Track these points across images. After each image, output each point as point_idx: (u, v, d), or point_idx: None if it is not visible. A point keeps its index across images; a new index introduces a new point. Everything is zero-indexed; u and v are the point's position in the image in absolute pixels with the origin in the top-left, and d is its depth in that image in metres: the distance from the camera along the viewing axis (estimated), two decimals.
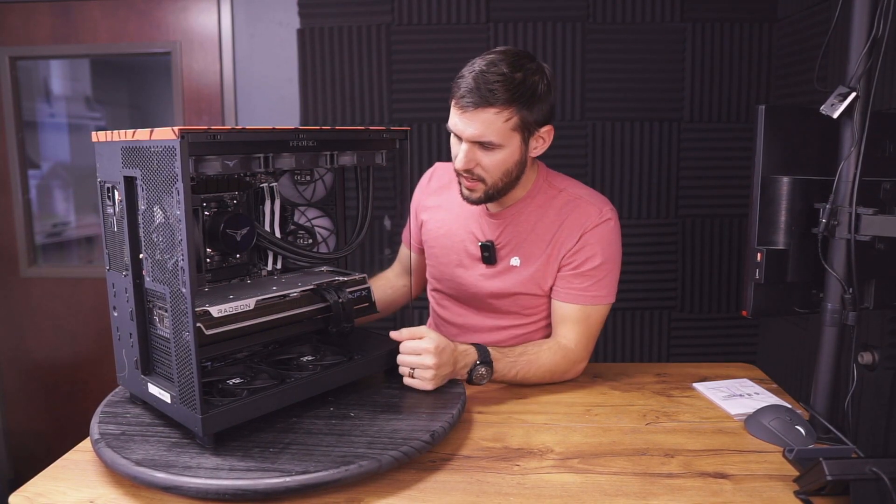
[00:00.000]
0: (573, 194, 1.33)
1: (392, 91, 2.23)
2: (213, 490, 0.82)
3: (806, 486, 0.87)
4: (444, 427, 1.00)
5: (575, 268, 1.29)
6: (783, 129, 1.06)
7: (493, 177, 1.23)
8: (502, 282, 1.35)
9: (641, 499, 0.88)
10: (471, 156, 1.20)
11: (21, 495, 0.87)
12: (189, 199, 0.83)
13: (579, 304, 1.29)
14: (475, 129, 1.17)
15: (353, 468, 0.87)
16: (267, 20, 2.29)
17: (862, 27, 0.99)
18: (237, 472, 0.85)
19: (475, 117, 1.16)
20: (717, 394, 1.22)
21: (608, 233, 1.30)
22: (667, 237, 2.25)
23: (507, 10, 2.17)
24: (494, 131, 1.17)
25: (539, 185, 1.34)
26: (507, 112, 1.16)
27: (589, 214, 1.29)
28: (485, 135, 1.17)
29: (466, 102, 1.16)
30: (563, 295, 1.31)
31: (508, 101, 1.15)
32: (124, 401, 1.08)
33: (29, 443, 2.56)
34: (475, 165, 1.22)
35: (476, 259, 1.37)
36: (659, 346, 2.30)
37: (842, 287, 1.02)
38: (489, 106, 1.15)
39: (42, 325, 2.47)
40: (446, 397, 1.11)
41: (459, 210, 1.39)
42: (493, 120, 1.16)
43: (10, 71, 2.37)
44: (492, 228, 1.35)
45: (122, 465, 0.87)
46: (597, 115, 2.20)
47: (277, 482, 0.83)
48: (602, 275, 1.29)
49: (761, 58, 2.16)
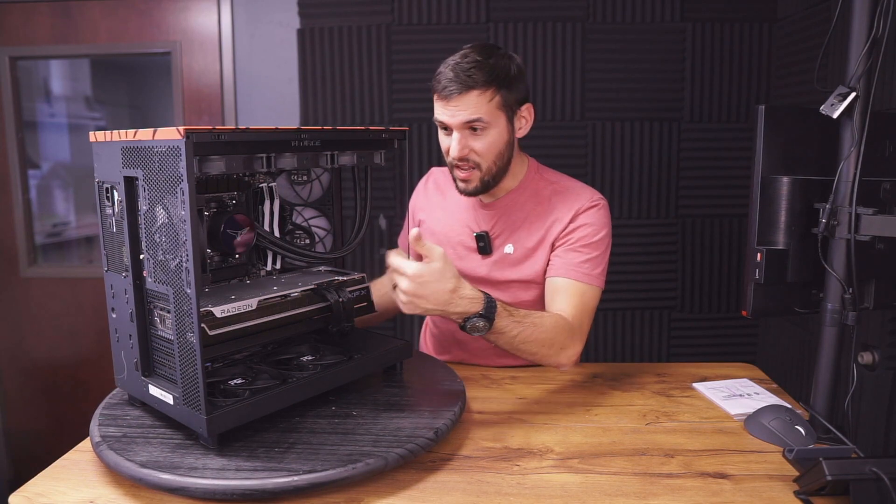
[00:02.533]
0: (564, 186, 1.38)
1: (392, 91, 2.23)
2: (221, 490, 0.82)
3: (806, 486, 0.87)
4: (446, 424, 1.00)
5: (569, 244, 1.32)
6: (783, 129, 1.06)
7: (487, 160, 1.27)
8: (499, 271, 1.37)
9: (641, 499, 0.88)
10: (463, 142, 1.25)
11: (21, 495, 0.87)
12: (194, 199, 0.82)
13: (573, 279, 1.29)
14: (463, 112, 1.22)
15: (361, 466, 0.87)
16: (267, 20, 2.29)
17: (862, 27, 0.99)
18: (244, 472, 0.85)
19: (461, 102, 1.22)
20: (717, 394, 1.23)
21: (601, 215, 1.34)
22: (667, 237, 2.25)
23: (507, 10, 2.17)
24: (482, 111, 1.23)
25: (530, 177, 1.39)
26: (488, 93, 1.22)
27: (581, 197, 1.34)
28: (473, 114, 1.22)
29: (449, 91, 1.22)
30: (556, 270, 1.31)
31: (487, 83, 1.22)
32: (123, 402, 1.08)
33: (29, 443, 2.56)
34: (469, 152, 1.26)
35: (472, 250, 1.40)
36: (659, 346, 2.30)
37: (842, 287, 1.02)
38: (471, 89, 1.21)
39: (42, 325, 2.47)
40: (446, 395, 1.12)
41: (455, 208, 1.44)
42: (478, 101, 1.22)
43: (10, 71, 2.37)
44: (486, 220, 1.39)
45: (127, 468, 0.87)
46: (597, 115, 2.20)
47: (286, 481, 0.83)
48: (595, 252, 1.31)
49: (761, 58, 2.16)
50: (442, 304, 1.04)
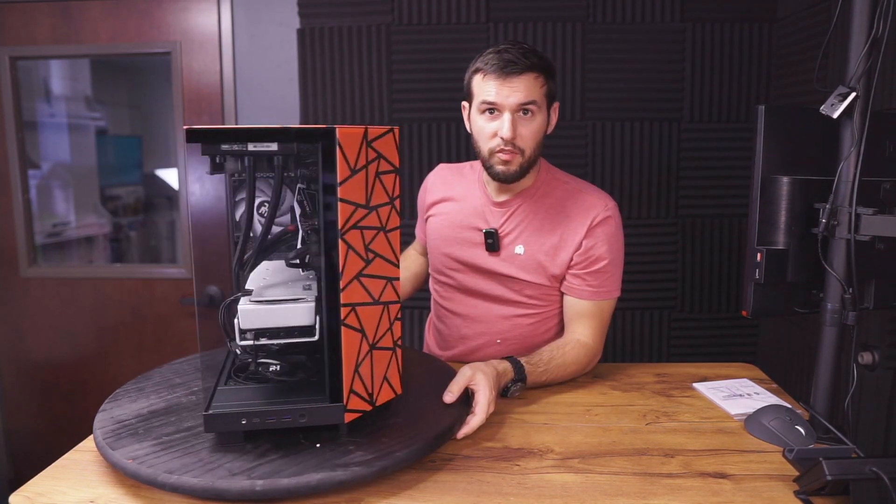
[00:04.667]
0: (576, 188, 1.39)
1: (392, 91, 2.23)
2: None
3: (806, 486, 0.87)
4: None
5: (586, 267, 1.34)
6: (783, 129, 1.06)
7: (530, 146, 1.30)
8: (507, 269, 1.38)
9: (641, 499, 0.88)
10: (514, 123, 1.27)
11: (21, 495, 0.87)
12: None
13: (594, 300, 1.34)
14: (522, 92, 1.25)
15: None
16: (267, 20, 2.29)
17: (862, 27, 0.99)
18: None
19: (521, 82, 1.25)
20: (717, 394, 1.23)
21: (615, 228, 1.35)
22: (667, 237, 2.25)
23: (507, 10, 2.17)
24: (536, 94, 1.27)
25: (543, 177, 1.39)
26: (541, 78, 1.28)
27: (594, 206, 1.35)
28: (529, 96, 1.26)
29: (511, 70, 1.24)
30: (577, 292, 1.35)
31: (541, 69, 1.27)
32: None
33: (29, 443, 2.56)
34: (516, 135, 1.28)
35: (480, 246, 1.40)
36: (659, 346, 2.30)
37: (842, 287, 1.02)
38: (530, 70, 1.25)
39: (42, 325, 2.47)
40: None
41: (464, 203, 1.44)
42: (534, 84, 1.26)
43: (10, 71, 2.37)
44: (496, 217, 1.39)
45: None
46: (597, 115, 2.20)
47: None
48: (612, 270, 1.35)
49: (761, 58, 2.16)
50: (497, 392, 1.14)
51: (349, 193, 0.90)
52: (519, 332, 1.40)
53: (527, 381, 1.21)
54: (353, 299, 0.93)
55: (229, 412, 0.91)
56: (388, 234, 0.98)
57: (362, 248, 0.94)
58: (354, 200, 0.91)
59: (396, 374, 1.04)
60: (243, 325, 0.95)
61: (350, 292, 0.92)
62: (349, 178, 0.90)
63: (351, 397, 0.94)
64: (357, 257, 0.93)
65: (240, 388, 0.99)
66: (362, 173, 0.92)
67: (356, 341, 0.94)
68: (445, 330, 1.50)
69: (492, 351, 1.41)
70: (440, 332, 1.52)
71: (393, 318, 1.01)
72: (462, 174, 1.49)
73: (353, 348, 0.94)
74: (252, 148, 0.89)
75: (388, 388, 1.02)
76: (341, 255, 0.90)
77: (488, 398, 1.08)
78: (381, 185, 0.97)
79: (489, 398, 1.08)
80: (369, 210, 0.94)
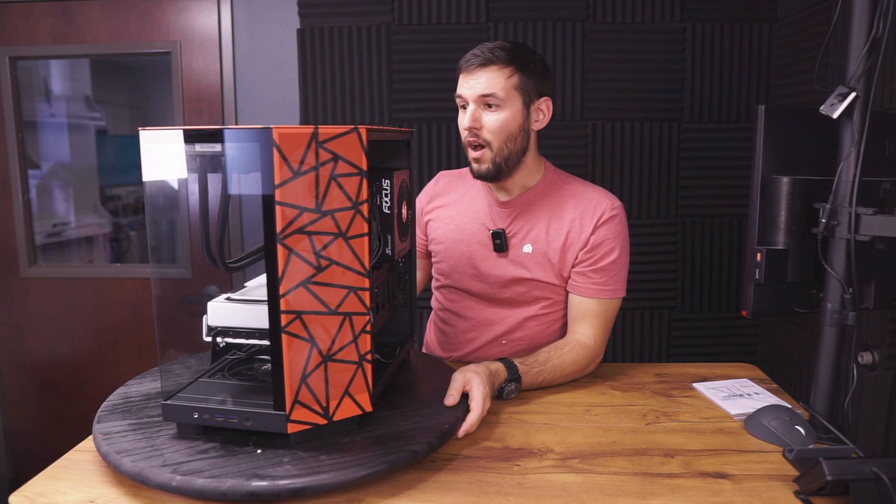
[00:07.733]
0: (581, 188, 1.39)
1: (392, 91, 2.23)
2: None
3: (806, 486, 0.87)
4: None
5: (592, 264, 1.34)
6: (783, 129, 1.06)
7: (497, 140, 1.29)
8: (515, 269, 1.38)
9: (641, 499, 0.88)
10: (476, 115, 1.29)
11: (21, 495, 0.87)
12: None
13: (599, 299, 1.34)
14: (482, 84, 1.27)
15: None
16: (267, 20, 2.29)
17: (862, 27, 0.99)
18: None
19: (480, 75, 1.27)
20: (717, 394, 1.23)
21: (621, 226, 1.36)
22: (667, 237, 2.25)
23: (507, 10, 2.17)
24: (498, 86, 1.27)
25: (548, 178, 1.40)
26: (507, 70, 1.27)
27: (601, 203, 1.35)
28: (489, 88, 1.27)
29: (470, 64, 1.28)
30: (581, 290, 1.35)
31: (508, 61, 1.27)
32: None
33: (29, 443, 2.56)
34: (480, 127, 1.29)
35: (488, 248, 1.40)
36: (659, 346, 2.30)
37: (842, 287, 1.02)
38: (491, 64, 1.27)
39: (42, 325, 2.47)
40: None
41: (468, 205, 1.44)
42: (496, 76, 1.27)
43: (10, 71, 2.37)
44: (502, 218, 1.39)
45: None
46: (597, 115, 2.20)
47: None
48: (618, 268, 1.35)
49: (761, 58, 2.16)
50: (492, 389, 1.14)
51: (292, 197, 0.85)
52: (524, 333, 1.40)
53: (522, 382, 1.20)
54: (299, 307, 0.87)
55: (185, 405, 0.93)
56: (349, 241, 0.91)
57: (311, 254, 0.88)
58: (299, 204, 0.86)
59: (364, 389, 0.96)
60: (210, 322, 0.96)
61: (295, 299, 0.87)
62: (291, 181, 0.84)
63: (296, 407, 0.89)
64: (303, 263, 0.87)
65: (218, 382, 1.00)
66: (310, 175, 0.86)
67: (303, 350, 0.89)
68: (450, 331, 1.49)
69: (496, 351, 1.41)
70: (444, 334, 1.51)
71: (358, 331, 0.93)
72: (463, 178, 1.49)
73: (300, 357, 0.89)
74: (199, 149, 0.88)
75: (350, 403, 0.95)
76: (280, 259, 0.85)
77: (483, 393, 1.07)
78: (340, 189, 0.89)
79: (484, 393, 1.08)
80: (321, 214, 0.88)
